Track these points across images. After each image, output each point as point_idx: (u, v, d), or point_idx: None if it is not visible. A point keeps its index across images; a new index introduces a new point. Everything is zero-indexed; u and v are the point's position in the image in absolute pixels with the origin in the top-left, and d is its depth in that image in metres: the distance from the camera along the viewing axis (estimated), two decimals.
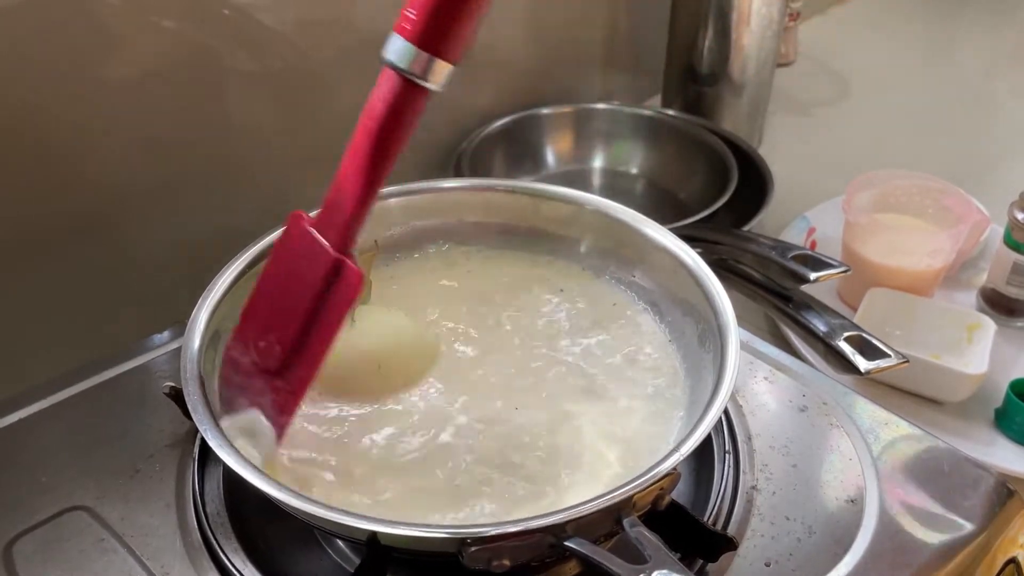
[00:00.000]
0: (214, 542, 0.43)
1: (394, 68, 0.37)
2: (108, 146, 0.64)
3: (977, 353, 0.66)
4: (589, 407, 0.46)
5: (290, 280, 0.41)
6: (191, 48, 0.65)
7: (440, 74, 0.37)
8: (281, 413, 0.41)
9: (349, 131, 0.77)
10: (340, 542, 0.45)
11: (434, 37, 0.36)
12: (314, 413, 0.46)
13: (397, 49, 0.36)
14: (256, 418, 0.41)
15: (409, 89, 0.37)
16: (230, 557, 0.42)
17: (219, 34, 0.67)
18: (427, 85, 0.37)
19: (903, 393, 0.67)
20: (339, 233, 0.39)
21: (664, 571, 0.34)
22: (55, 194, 0.62)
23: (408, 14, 0.36)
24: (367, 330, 0.48)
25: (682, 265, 0.48)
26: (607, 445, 0.44)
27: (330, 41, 0.74)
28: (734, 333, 0.43)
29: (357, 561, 0.44)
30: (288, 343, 0.40)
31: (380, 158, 0.38)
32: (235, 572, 0.42)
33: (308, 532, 0.45)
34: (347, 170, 0.39)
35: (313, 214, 0.41)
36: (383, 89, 0.37)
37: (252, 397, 0.42)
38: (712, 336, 0.45)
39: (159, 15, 0.63)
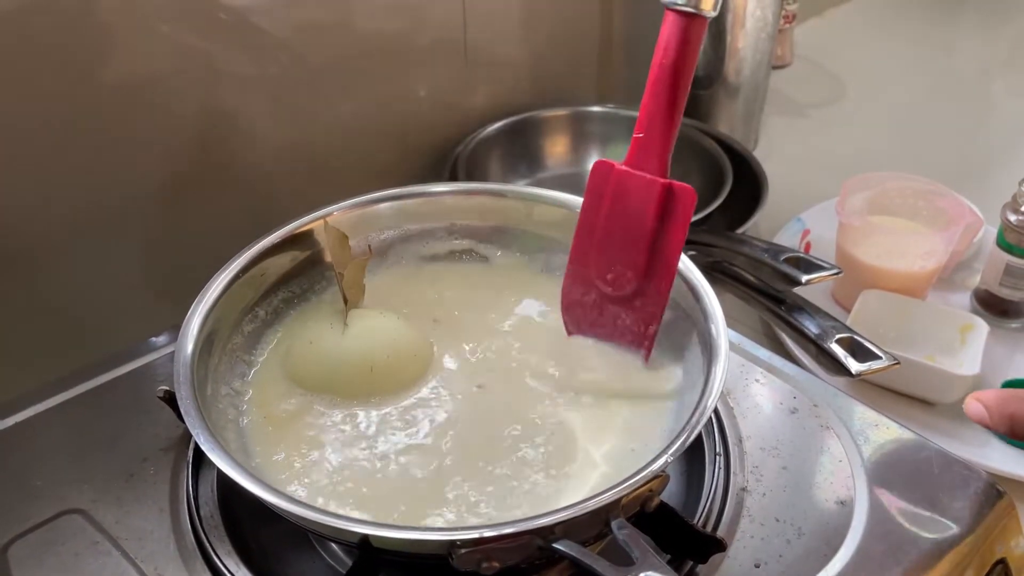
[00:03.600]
0: (208, 545, 0.43)
1: (673, 8, 0.43)
2: (101, 150, 0.64)
3: (970, 354, 0.66)
4: (578, 410, 0.47)
5: (621, 216, 0.47)
6: (187, 52, 0.66)
7: (709, 2, 0.43)
8: (649, 324, 0.47)
9: (347, 135, 0.79)
10: (333, 544, 0.46)
11: None
12: (307, 415, 0.46)
13: None
14: None
15: (690, 21, 0.43)
16: (224, 560, 0.43)
17: (216, 38, 0.67)
18: (703, 13, 0.43)
19: (897, 394, 0.67)
20: (659, 162, 0.46)
21: (650, 572, 0.34)
22: (47, 198, 0.63)
23: None
24: (360, 333, 0.48)
25: None
26: (596, 448, 0.44)
27: (328, 45, 0.75)
28: (724, 335, 0.44)
29: (350, 563, 0.44)
30: (640, 267, 0.47)
31: (679, 88, 0.44)
32: (229, 575, 0.42)
33: (301, 535, 0.46)
34: (651, 107, 0.45)
35: (620, 161, 0.47)
36: (669, 30, 0.44)
37: (607, 326, 0.48)
38: (702, 338, 0.45)
39: (155, 19, 0.63)
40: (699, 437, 0.48)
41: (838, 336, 0.57)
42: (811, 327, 0.59)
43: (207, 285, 0.47)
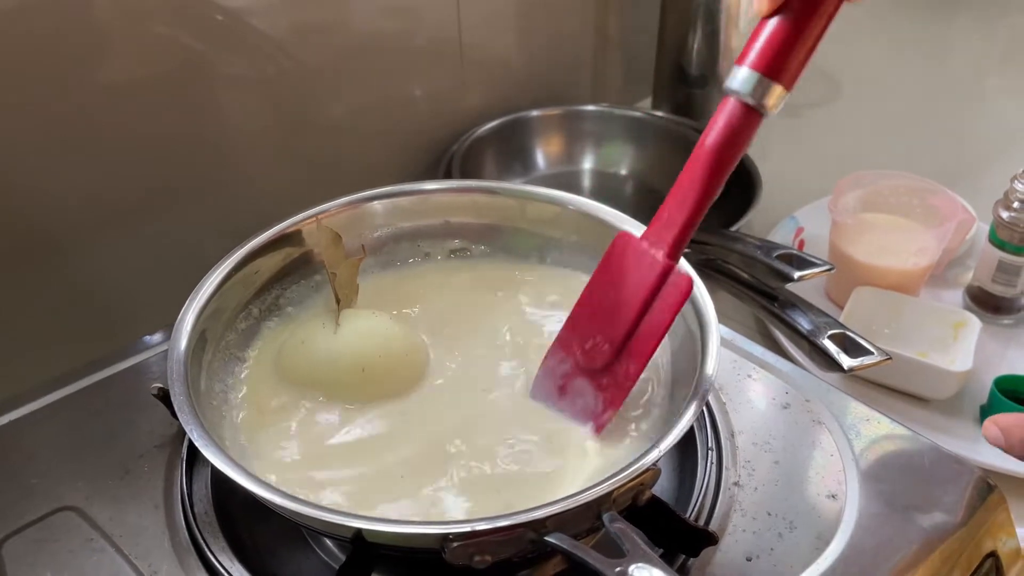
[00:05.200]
0: (202, 541, 0.43)
1: (737, 95, 0.40)
2: (98, 155, 0.64)
3: (962, 351, 0.67)
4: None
5: (619, 289, 0.44)
6: (184, 54, 0.66)
7: (777, 101, 0.40)
8: (607, 407, 0.44)
9: (343, 135, 0.79)
10: (327, 540, 0.46)
11: (776, 66, 0.39)
12: (299, 413, 0.47)
13: (742, 78, 0.40)
14: None
15: (748, 113, 0.40)
16: (218, 556, 0.43)
17: (212, 39, 0.67)
18: (764, 111, 0.40)
19: (890, 391, 0.68)
20: (671, 244, 0.43)
21: (641, 564, 0.34)
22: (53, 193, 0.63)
23: (752, 48, 0.40)
24: (352, 334, 0.48)
25: None
26: (588, 443, 0.44)
27: (324, 46, 0.75)
28: (715, 331, 0.44)
29: (344, 558, 0.44)
30: (617, 343, 0.44)
31: (715, 178, 0.41)
32: (223, 571, 0.42)
33: (295, 531, 0.46)
34: (684, 185, 0.42)
35: (639, 233, 0.45)
36: (725, 115, 0.41)
37: (569, 397, 0.46)
38: (694, 334, 0.45)
39: (151, 21, 0.64)
40: (691, 432, 0.48)
41: (830, 332, 0.58)
42: (804, 323, 0.60)
43: (200, 283, 0.47)
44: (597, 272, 0.46)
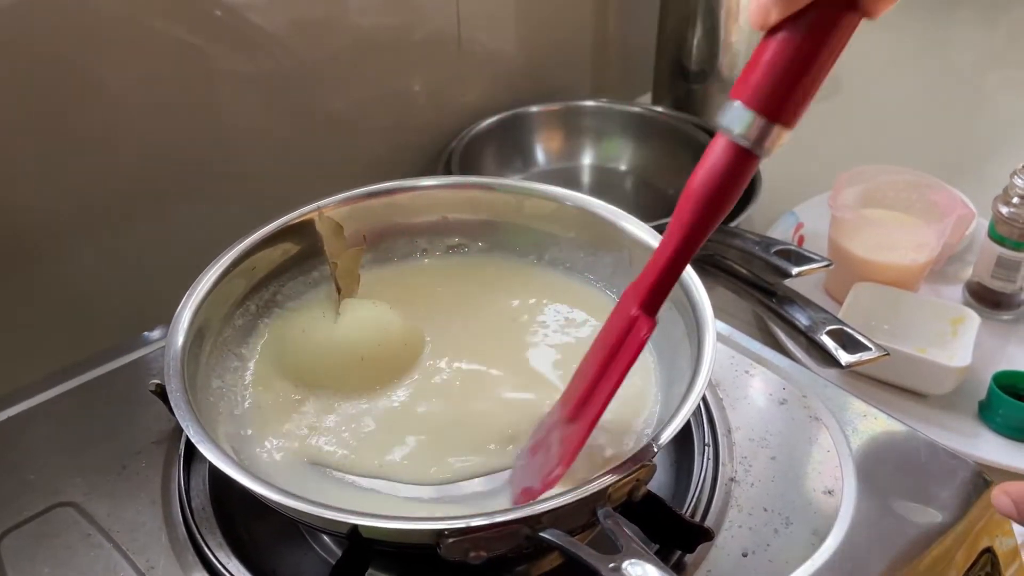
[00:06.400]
0: (199, 537, 0.44)
1: (729, 135, 0.35)
2: (95, 151, 0.64)
3: (961, 346, 0.67)
4: None
5: (598, 343, 0.41)
6: (181, 49, 0.66)
7: (776, 142, 0.35)
8: (557, 464, 0.40)
9: (342, 131, 0.79)
10: (324, 536, 0.46)
11: (776, 103, 0.34)
12: (299, 404, 0.47)
13: (734, 116, 0.34)
14: None
15: (742, 156, 0.35)
16: (215, 552, 0.43)
17: (210, 35, 0.67)
18: (761, 153, 0.35)
19: (888, 386, 0.68)
20: (645, 292, 0.39)
21: (635, 560, 0.34)
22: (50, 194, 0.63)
23: (748, 79, 0.34)
24: (351, 323, 0.49)
25: None
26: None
27: (322, 41, 0.75)
28: (711, 327, 0.44)
29: (340, 554, 0.44)
30: (583, 395, 0.40)
31: (701, 224, 0.37)
32: (220, 567, 0.42)
33: (292, 526, 0.46)
34: (667, 232, 0.38)
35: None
36: (715, 155, 0.36)
37: (540, 454, 0.42)
38: (690, 329, 0.45)
39: (148, 16, 0.63)
40: (688, 428, 0.48)
41: (828, 328, 0.58)
42: (802, 319, 0.60)
43: (197, 279, 0.47)
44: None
